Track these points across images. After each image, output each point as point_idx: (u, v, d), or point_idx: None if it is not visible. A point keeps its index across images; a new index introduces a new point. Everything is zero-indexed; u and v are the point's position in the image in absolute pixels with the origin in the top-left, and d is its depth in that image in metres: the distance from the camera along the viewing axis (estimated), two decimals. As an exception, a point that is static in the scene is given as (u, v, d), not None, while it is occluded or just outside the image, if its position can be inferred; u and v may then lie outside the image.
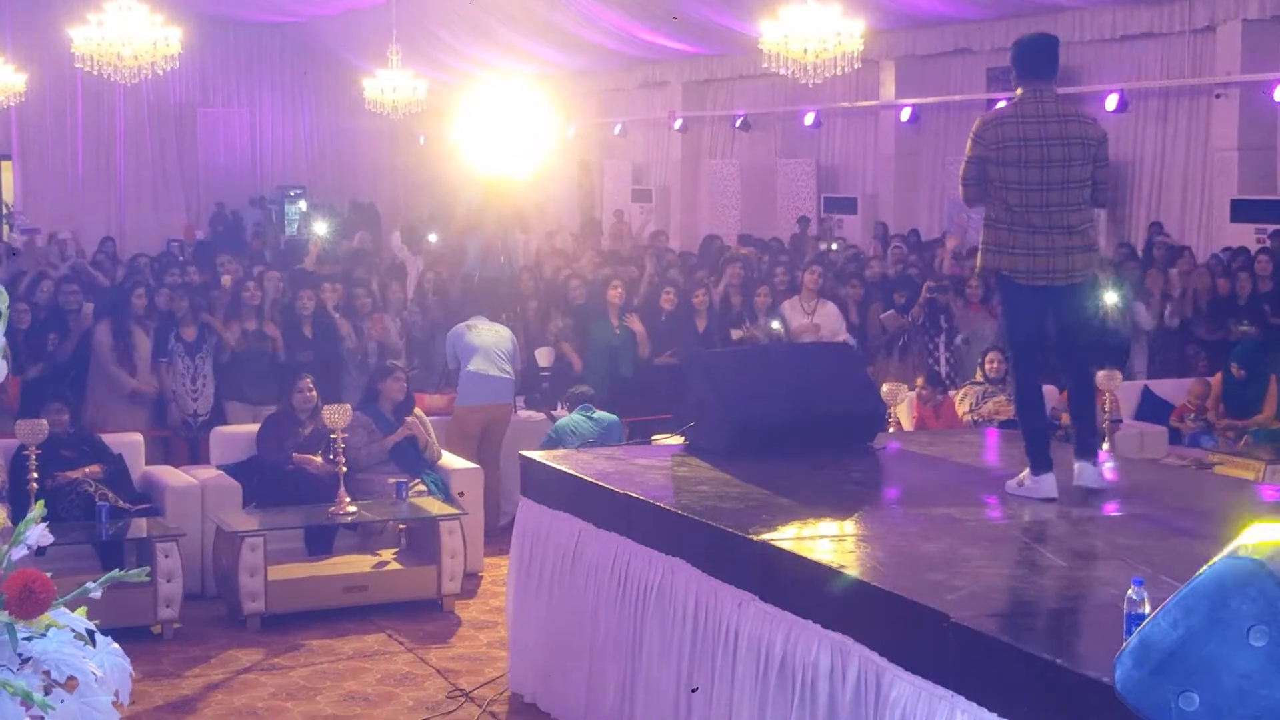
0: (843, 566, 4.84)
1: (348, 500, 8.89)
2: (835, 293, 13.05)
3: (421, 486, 9.38)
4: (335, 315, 11.67)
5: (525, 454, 7.28)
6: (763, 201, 22.36)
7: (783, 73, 14.88)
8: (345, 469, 8.96)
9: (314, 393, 9.61)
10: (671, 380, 10.71)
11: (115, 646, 2.97)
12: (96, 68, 16.82)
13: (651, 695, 5.80)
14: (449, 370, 11.01)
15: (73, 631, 2.90)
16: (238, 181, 27.56)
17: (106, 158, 27.12)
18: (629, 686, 6.00)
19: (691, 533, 5.62)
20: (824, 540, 5.41)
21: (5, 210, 24.95)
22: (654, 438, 7.89)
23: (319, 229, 20.37)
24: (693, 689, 5.44)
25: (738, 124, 22.44)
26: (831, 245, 17.48)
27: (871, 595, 4.58)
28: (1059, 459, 6.04)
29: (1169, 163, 16.77)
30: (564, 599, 6.60)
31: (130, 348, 11.12)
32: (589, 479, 6.45)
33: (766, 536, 5.27)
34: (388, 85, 22.07)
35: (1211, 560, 3.18)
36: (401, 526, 9.32)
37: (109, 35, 16.36)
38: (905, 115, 19.74)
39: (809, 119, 21.17)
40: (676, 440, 7.21)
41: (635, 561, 5.98)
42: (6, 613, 2.85)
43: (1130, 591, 3.82)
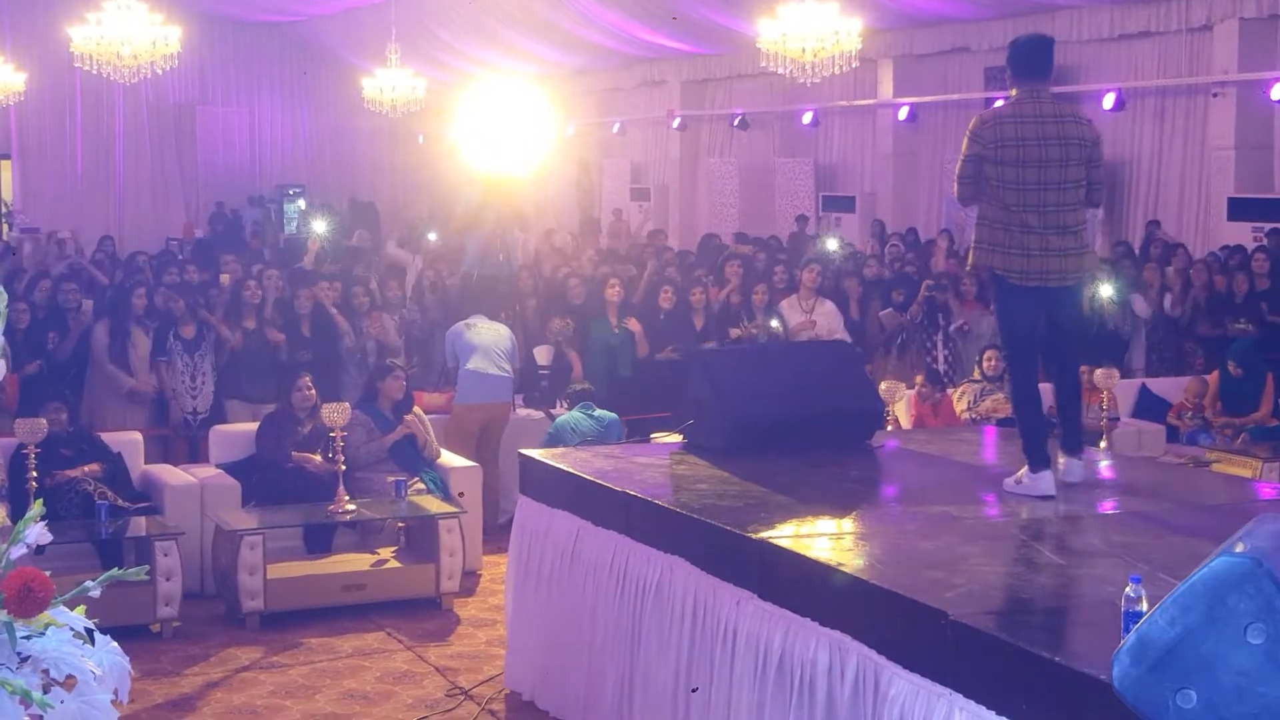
0: (841, 564, 4.85)
1: (347, 499, 8.89)
2: (835, 291, 13.05)
3: (420, 485, 9.39)
4: (333, 311, 11.67)
5: (524, 452, 7.28)
6: (761, 200, 22.35)
7: (781, 72, 14.88)
8: (344, 467, 8.97)
9: (313, 391, 9.61)
10: (672, 377, 10.72)
11: (114, 645, 2.97)
12: (96, 67, 16.82)
13: (650, 693, 5.80)
14: (448, 369, 11.01)
15: (72, 630, 2.90)
16: (237, 180, 27.53)
17: (106, 157, 27.09)
18: (627, 684, 6.01)
19: (690, 531, 5.63)
20: (822, 538, 5.42)
21: (5, 209, 24.97)
22: (652, 436, 7.90)
23: (318, 228, 20.38)
24: (693, 689, 5.45)
25: (736, 123, 22.44)
26: (829, 244, 17.45)
27: (870, 593, 4.59)
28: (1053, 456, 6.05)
29: (1166, 162, 16.78)
30: (562, 597, 6.61)
31: (128, 347, 11.14)
32: (588, 477, 6.46)
33: (765, 534, 5.28)
34: (387, 84, 22.07)
35: (1209, 558, 3.19)
36: (400, 525, 9.32)
37: (108, 34, 16.36)
38: (903, 114, 19.73)
39: (807, 118, 21.17)
40: (675, 438, 7.22)
41: (634, 559, 5.98)
42: (6, 611, 2.85)
43: (1128, 589, 3.83)
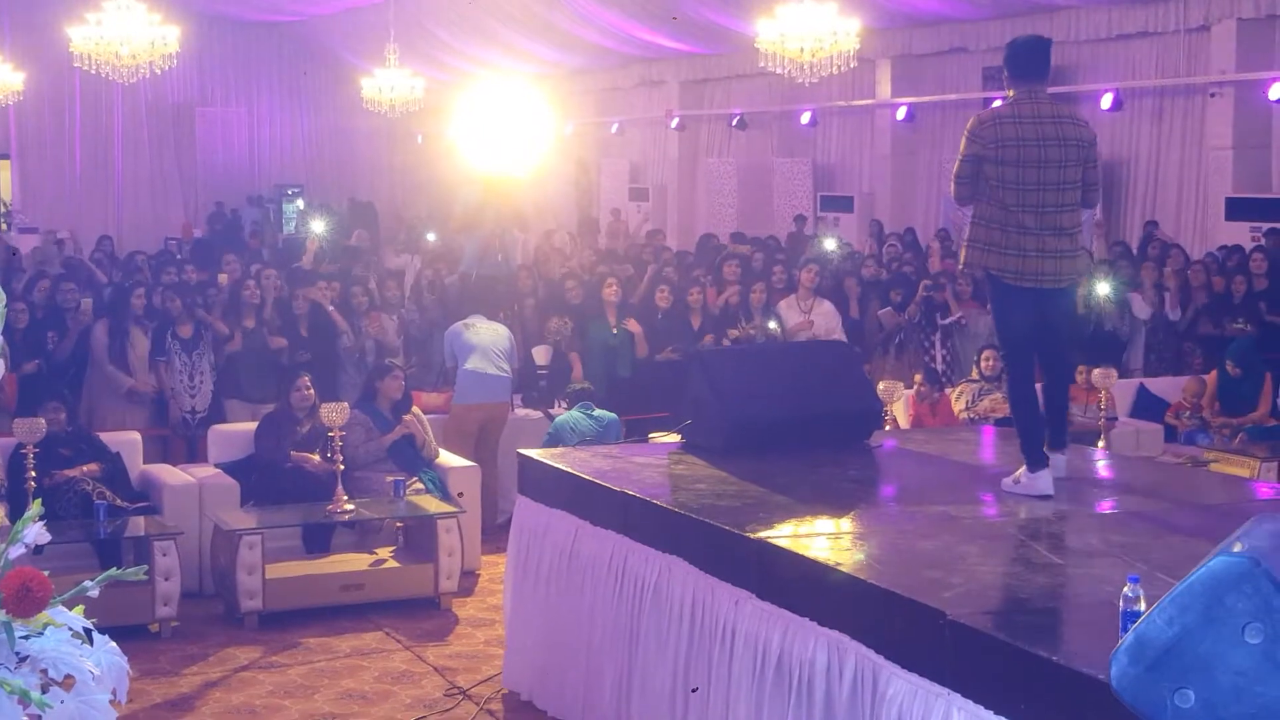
0: (839, 564, 4.85)
1: (345, 498, 8.89)
2: (834, 291, 13.05)
3: (419, 485, 9.39)
4: (330, 308, 11.67)
5: (522, 452, 7.28)
6: (759, 200, 22.35)
7: (779, 72, 14.88)
8: (343, 467, 8.97)
9: (312, 391, 9.61)
10: (670, 377, 10.72)
11: (113, 645, 2.97)
12: (95, 67, 16.81)
13: (648, 693, 5.80)
14: (446, 368, 11.02)
15: (70, 630, 2.90)
16: (236, 180, 27.53)
17: (105, 157, 27.09)
18: (625, 684, 6.01)
19: (688, 531, 5.63)
20: (821, 538, 5.42)
21: (4, 209, 24.95)
22: (651, 436, 7.89)
23: (316, 227, 20.37)
24: (693, 689, 5.45)
25: (734, 123, 22.43)
26: (827, 244, 17.45)
27: (868, 593, 4.59)
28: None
29: (1164, 161, 16.78)
30: (561, 597, 6.61)
31: (127, 347, 11.13)
32: (586, 477, 6.46)
33: (763, 534, 5.28)
34: (385, 84, 22.06)
35: (1207, 558, 3.20)
36: (399, 525, 9.32)
37: (107, 34, 16.35)
38: (901, 114, 19.72)
39: (805, 118, 21.16)
40: (673, 438, 7.22)
41: (632, 559, 5.98)
42: (4, 611, 2.85)
43: (1126, 589, 3.83)
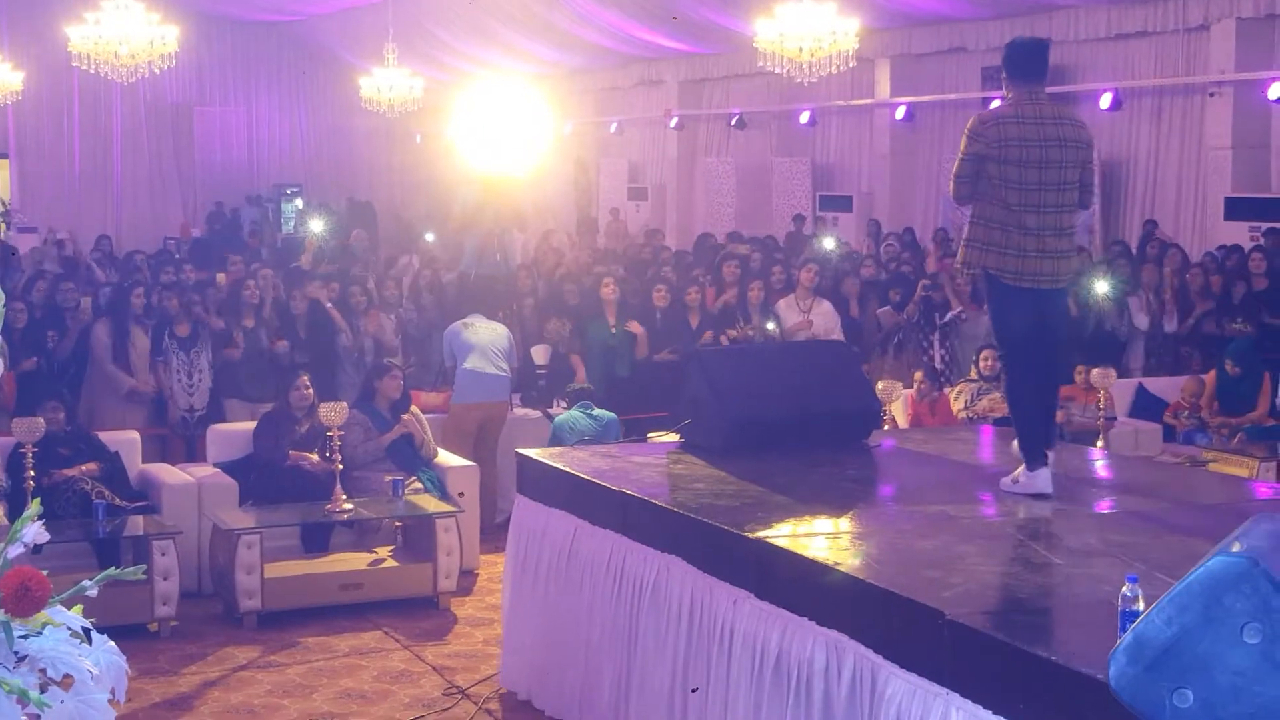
0: (838, 564, 4.85)
1: (344, 498, 8.89)
2: (833, 291, 13.04)
3: (418, 484, 9.39)
4: (329, 306, 11.67)
5: (521, 451, 7.28)
6: (758, 200, 22.34)
7: (778, 71, 14.87)
8: (342, 467, 8.97)
9: (310, 390, 9.61)
10: (669, 377, 10.71)
11: (111, 644, 2.97)
12: (93, 66, 16.80)
13: (646, 692, 5.80)
14: (446, 368, 11.01)
15: (69, 629, 2.90)
16: (234, 180, 27.52)
17: (103, 156, 27.08)
18: (624, 683, 6.01)
19: (687, 530, 5.63)
20: (819, 538, 5.42)
21: (3, 209, 24.93)
22: (650, 435, 7.89)
23: (314, 227, 20.37)
24: (693, 689, 5.44)
25: (733, 122, 22.43)
26: (826, 243, 17.45)
27: (866, 592, 4.59)
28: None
29: (1163, 161, 16.77)
30: (559, 596, 6.61)
31: (129, 347, 11.12)
32: (585, 476, 6.46)
33: (762, 534, 5.28)
34: (384, 83, 22.05)
35: (1205, 557, 3.20)
36: (398, 524, 9.32)
37: (106, 34, 16.34)
38: (900, 114, 19.72)
39: (804, 117, 21.15)
40: (672, 438, 7.21)
41: (631, 559, 5.98)
42: (3, 611, 2.85)
43: (1125, 589, 3.83)
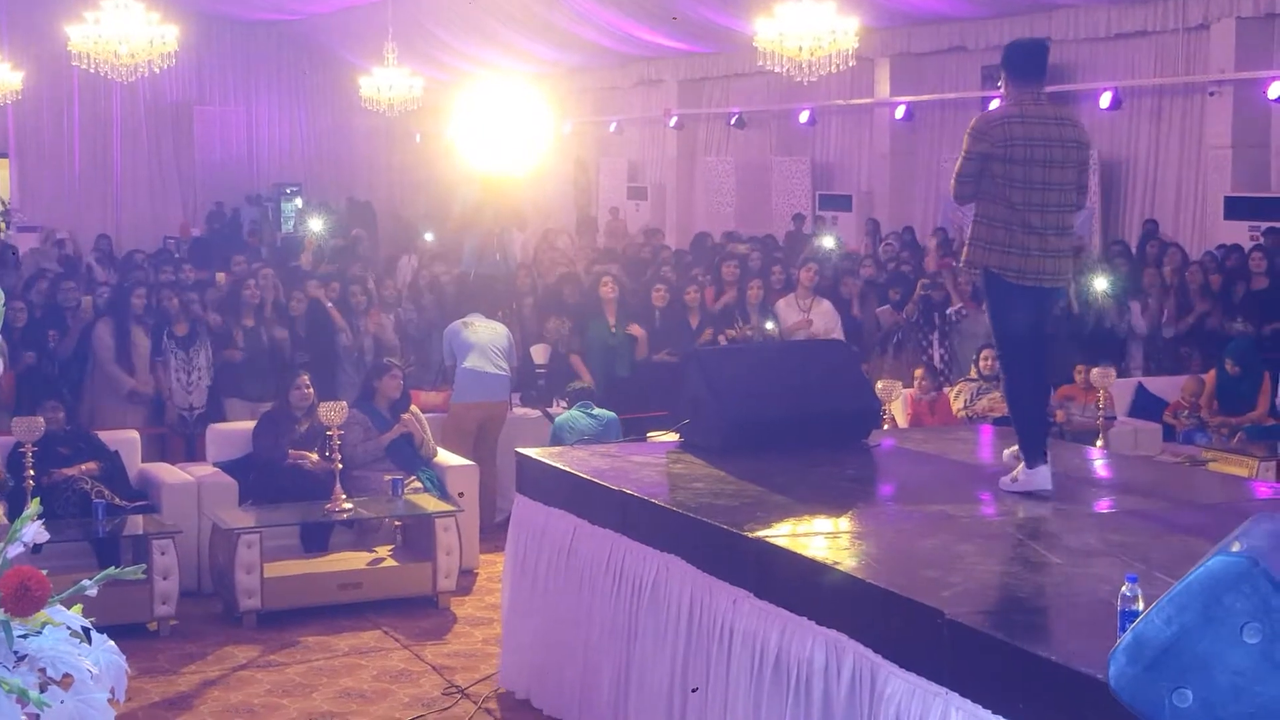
0: (837, 563, 4.85)
1: (344, 497, 8.89)
2: (833, 291, 13.03)
3: (417, 484, 9.39)
4: (329, 305, 11.66)
5: (521, 451, 7.28)
6: (758, 199, 22.34)
7: (778, 70, 14.86)
8: (341, 466, 8.97)
9: (311, 390, 9.61)
10: (668, 377, 10.71)
11: (111, 644, 2.97)
12: (93, 66, 16.78)
13: (645, 692, 5.80)
14: (445, 367, 11.01)
15: (69, 629, 2.90)
16: (234, 179, 27.49)
17: (103, 155, 27.06)
18: (623, 683, 6.01)
19: (686, 530, 5.63)
20: (819, 537, 5.42)
21: (3, 208, 24.92)
22: (649, 435, 7.89)
23: (314, 226, 20.36)
24: (693, 689, 5.44)
25: (733, 121, 22.42)
26: (825, 242, 17.44)
27: (866, 592, 4.58)
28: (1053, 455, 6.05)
29: (1163, 161, 16.77)
30: (559, 596, 6.61)
31: (130, 347, 11.11)
32: (584, 476, 6.46)
33: (761, 533, 5.28)
34: (384, 83, 22.04)
35: (1205, 557, 3.20)
36: (397, 523, 9.32)
37: (106, 33, 16.32)
38: (900, 113, 19.71)
39: (804, 117, 21.14)
40: (672, 437, 7.21)
41: (630, 558, 5.98)
42: (2, 610, 2.85)
43: (1124, 588, 3.83)
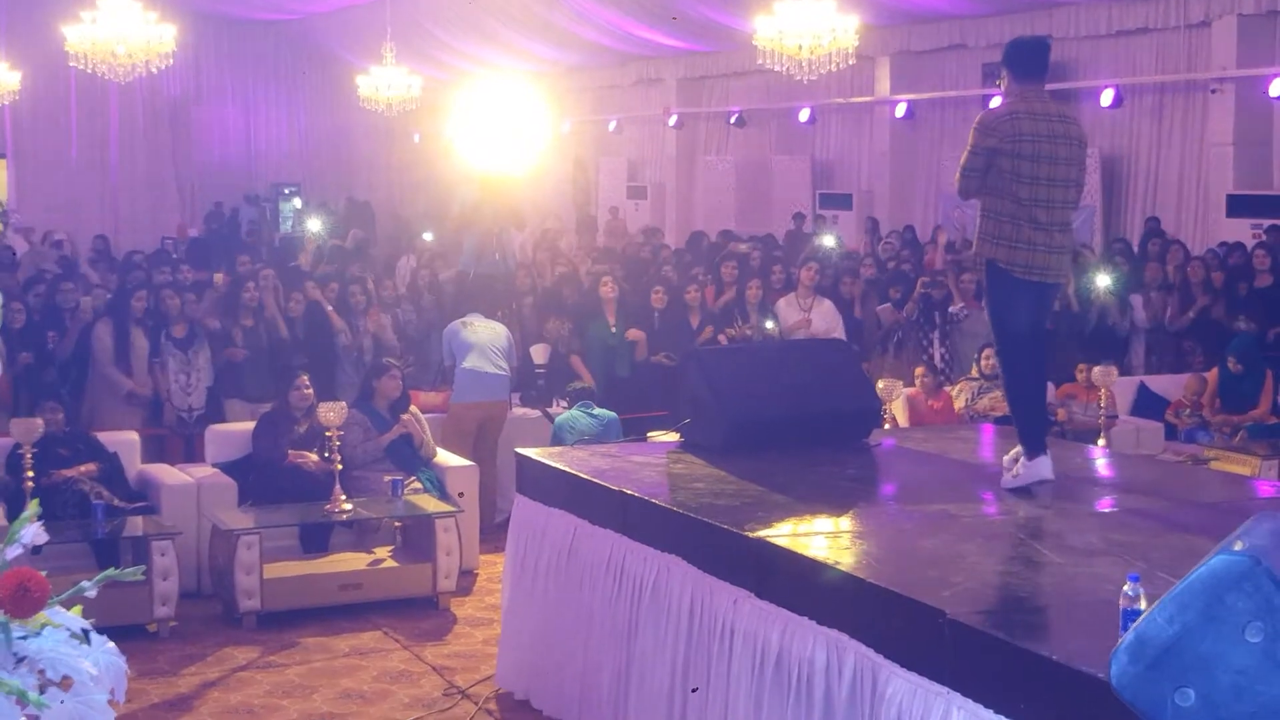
0: (838, 563, 4.84)
1: (343, 498, 8.88)
2: (833, 290, 13.02)
3: (417, 484, 9.38)
4: (329, 309, 11.65)
5: (520, 451, 7.27)
6: (758, 198, 22.34)
7: (778, 69, 14.85)
8: (341, 467, 8.95)
9: (310, 390, 9.60)
10: (668, 377, 10.70)
11: (111, 645, 2.97)
12: (90, 66, 16.76)
13: (645, 692, 5.79)
14: (445, 367, 11.00)
15: (68, 630, 2.89)
16: (232, 179, 27.49)
17: (101, 155, 27.05)
18: (623, 684, 6.00)
19: (687, 530, 5.62)
20: (819, 537, 5.41)
21: (1, 208, 24.92)
22: (649, 435, 7.88)
23: (313, 226, 20.35)
24: (693, 689, 5.44)
25: (733, 120, 22.43)
26: (826, 241, 17.44)
27: (867, 592, 4.57)
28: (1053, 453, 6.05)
29: (1164, 158, 16.78)
30: (559, 596, 6.60)
31: (129, 348, 11.10)
32: (584, 476, 6.44)
33: (762, 533, 5.27)
34: (382, 82, 22.03)
35: (1207, 556, 3.19)
36: (397, 524, 9.31)
37: (103, 33, 16.30)
38: (900, 111, 19.72)
39: (804, 115, 21.15)
40: (672, 437, 7.20)
41: (630, 558, 5.97)
42: (2, 612, 2.84)
43: (1126, 587, 3.82)
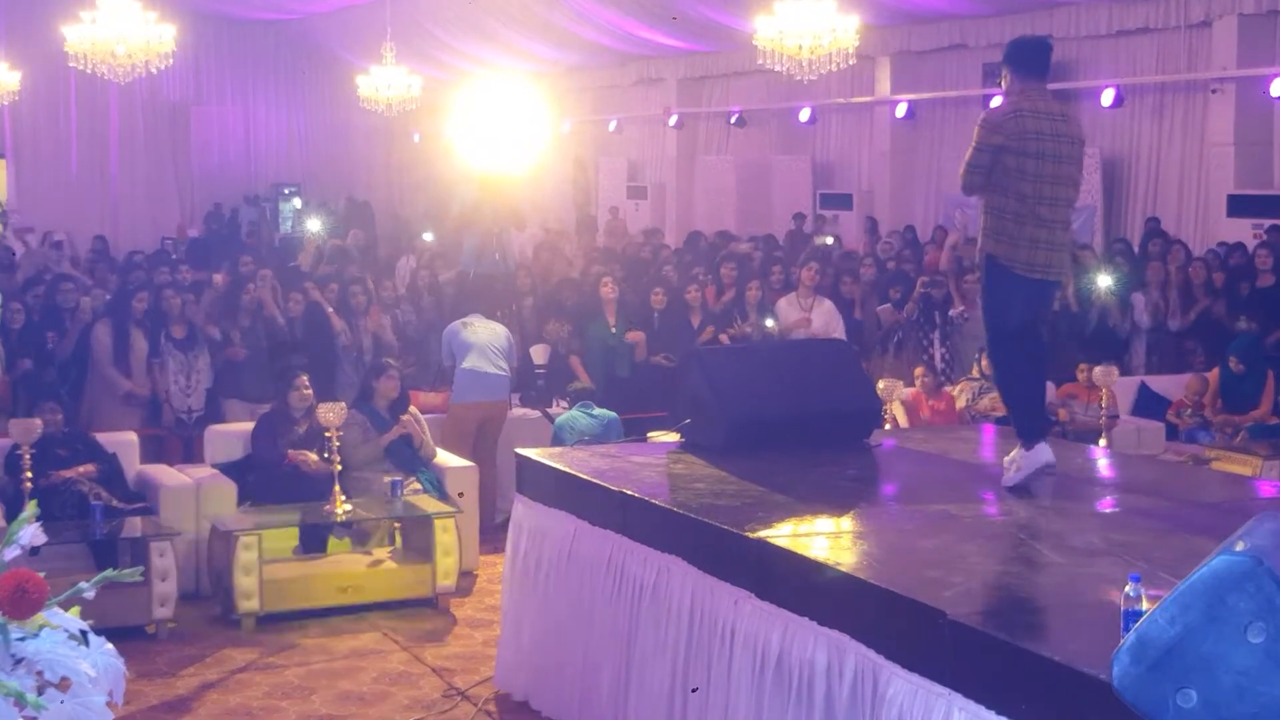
0: (839, 563, 4.84)
1: (343, 498, 8.87)
2: (831, 290, 13.01)
3: (417, 485, 9.37)
4: (329, 311, 11.64)
5: (520, 452, 7.26)
6: (758, 198, 22.32)
7: (778, 69, 14.84)
8: (340, 467, 8.94)
9: (310, 391, 9.59)
10: (669, 377, 10.69)
11: (109, 646, 2.96)
12: (90, 66, 16.74)
13: (645, 693, 5.78)
14: (444, 368, 10.99)
15: (66, 632, 2.89)
16: (232, 179, 27.47)
17: (100, 156, 27.05)
18: (623, 684, 5.99)
19: (687, 530, 5.61)
20: (820, 537, 5.41)
21: (0, 209, 24.91)
22: (650, 435, 7.87)
23: (313, 226, 20.34)
24: (693, 689, 5.43)
25: (733, 120, 22.41)
26: (827, 240, 17.46)
27: (868, 592, 4.57)
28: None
29: (1165, 158, 16.76)
30: (559, 597, 6.59)
31: (128, 349, 11.09)
32: (584, 476, 6.44)
33: (762, 534, 5.26)
34: (382, 82, 22.01)
35: (1209, 556, 3.18)
36: (397, 525, 9.30)
37: (102, 33, 16.27)
38: (901, 111, 19.70)
39: (804, 115, 21.13)
40: (672, 437, 7.20)
41: (630, 559, 5.96)
42: (0, 613, 2.84)
43: (1127, 588, 3.81)
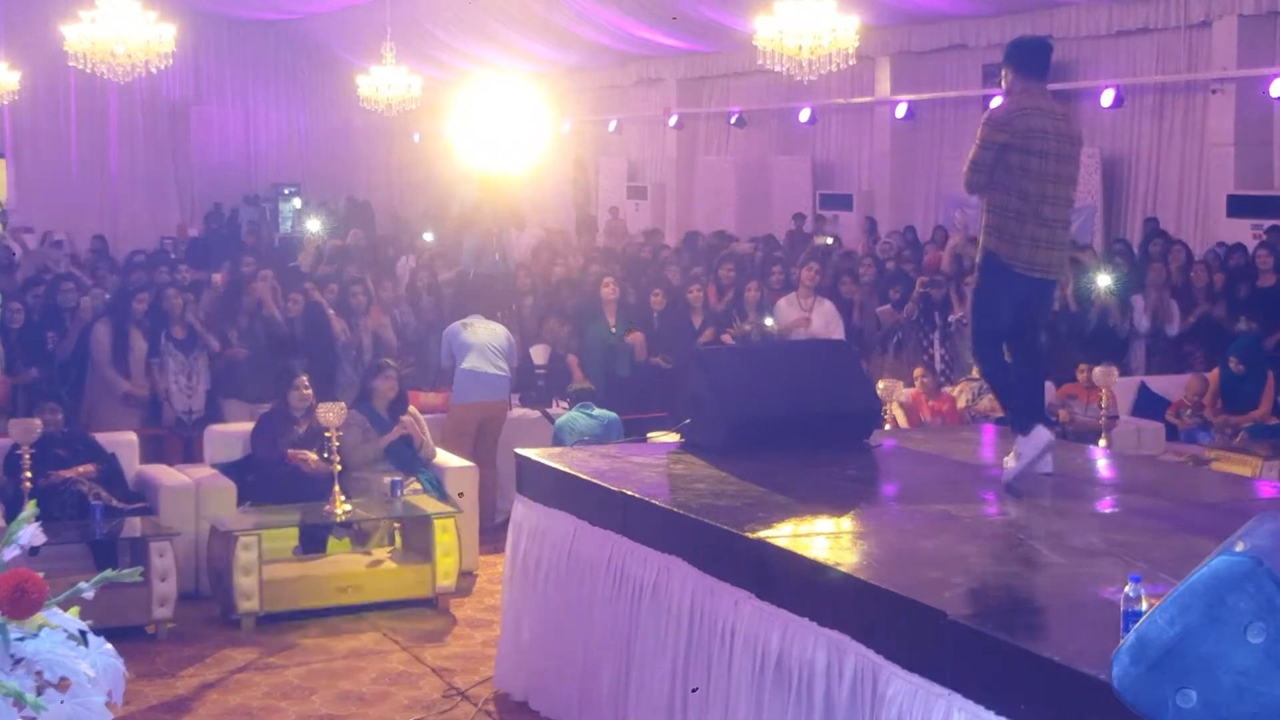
0: (839, 564, 4.83)
1: (342, 499, 8.87)
2: (831, 290, 13.01)
3: (416, 485, 9.37)
4: (330, 312, 11.64)
5: (520, 452, 7.25)
6: (758, 198, 22.33)
7: (778, 69, 14.85)
8: (340, 467, 8.94)
9: (309, 391, 9.58)
10: (669, 377, 10.69)
11: (108, 647, 2.96)
12: (90, 65, 16.75)
13: (645, 694, 5.78)
14: (445, 368, 10.99)
15: (66, 632, 2.89)
16: (232, 179, 27.47)
17: (100, 156, 27.06)
18: (623, 685, 5.99)
19: (687, 530, 5.61)
20: (820, 538, 5.40)
21: (0, 209, 24.91)
22: (650, 435, 7.87)
23: (312, 227, 20.33)
24: (693, 689, 5.43)
25: (733, 120, 22.42)
26: (827, 240, 17.46)
27: (868, 593, 4.56)
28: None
29: (1165, 158, 16.77)
30: (559, 597, 6.59)
31: (127, 349, 11.08)
32: (584, 477, 6.44)
33: (762, 534, 5.26)
34: (382, 82, 22.03)
35: (1209, 557, 3.18)
36: (396, 525, 9.30)
37: (102, 33, 16.28)
38: (901, 111, 19.71)
39: (804, 115, 21.14)
40: (672, 437, 7.19)
41: (630, 559, 5.96)
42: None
43: (1127, 588, 3.81)
